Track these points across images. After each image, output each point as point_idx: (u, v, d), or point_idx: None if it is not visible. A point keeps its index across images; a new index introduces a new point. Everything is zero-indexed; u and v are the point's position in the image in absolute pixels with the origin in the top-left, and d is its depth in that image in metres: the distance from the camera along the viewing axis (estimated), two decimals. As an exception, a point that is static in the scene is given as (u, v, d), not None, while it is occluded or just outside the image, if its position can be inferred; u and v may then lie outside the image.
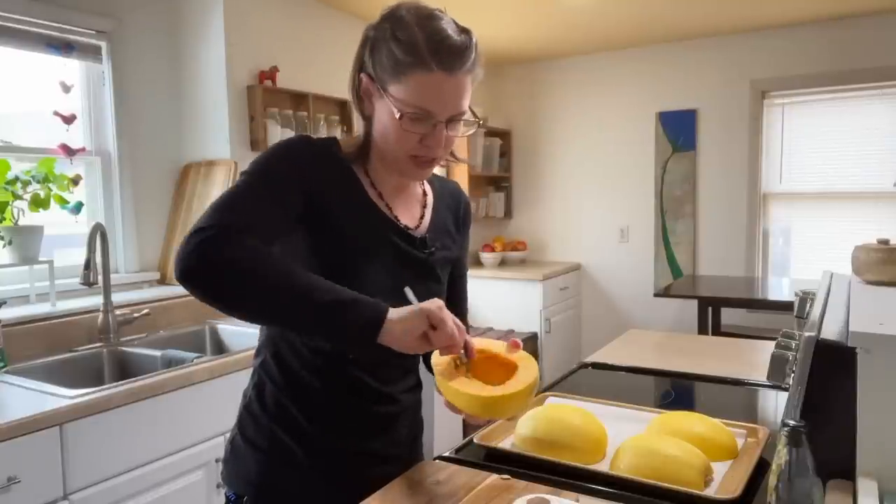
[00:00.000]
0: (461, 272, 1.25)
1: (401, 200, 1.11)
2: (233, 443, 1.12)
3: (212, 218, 0.90)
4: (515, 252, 4.72)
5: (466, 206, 1.25)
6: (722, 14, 3.73)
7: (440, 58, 0.94)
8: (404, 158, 1.02)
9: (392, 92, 0.97)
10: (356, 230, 1.03)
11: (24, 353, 2.03)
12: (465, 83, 0.98)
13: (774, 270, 4.26)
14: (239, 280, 0.86)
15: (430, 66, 0.94)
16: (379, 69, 0.99)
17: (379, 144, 1.04)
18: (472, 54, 0.97)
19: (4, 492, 1.44)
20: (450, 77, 0.95)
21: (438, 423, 3.12)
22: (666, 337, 2.21)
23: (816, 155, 4.02)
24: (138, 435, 1.74)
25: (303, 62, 3.11)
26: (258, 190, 0.96)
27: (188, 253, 0.86)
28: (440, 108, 0.97)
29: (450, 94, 0.97)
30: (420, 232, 1.11)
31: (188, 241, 0.87)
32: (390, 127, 0.99)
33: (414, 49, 0.94)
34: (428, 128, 0.98)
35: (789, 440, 0.79)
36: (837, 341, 0.98)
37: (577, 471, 1.05)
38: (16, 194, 2.17)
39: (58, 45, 2.39)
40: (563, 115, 4.77)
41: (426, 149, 1.00)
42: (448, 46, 0.95)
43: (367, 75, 1.01)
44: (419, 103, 0.96)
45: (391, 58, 0.96)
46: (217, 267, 0.86)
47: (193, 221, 2.65)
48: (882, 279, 1.32)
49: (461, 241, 1.23)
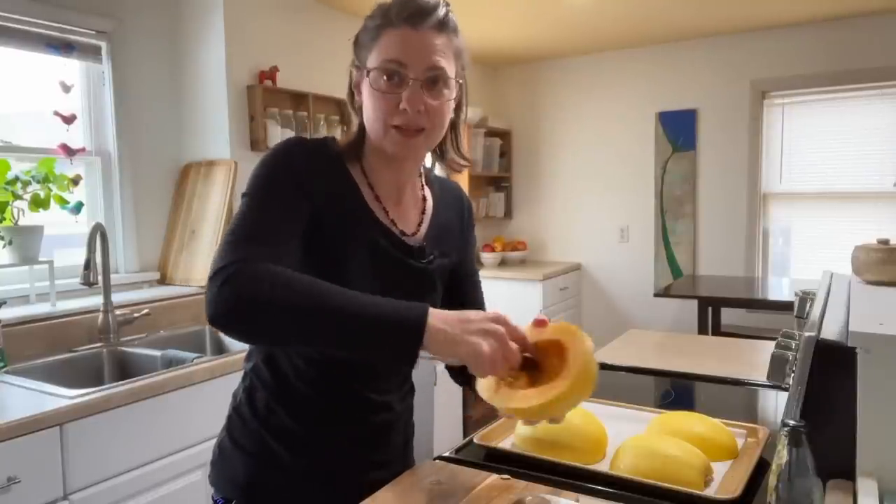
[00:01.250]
0: (469, 271, 1.21)
1: (399, 203, 1.08)
2: (221, 445, 1.10)
3: (228, 254, 0.87)
4: (515, 252, 4.72)
5: (469, 208, 1.23)
6: (722, 14, 3.73)
7: (404, 14, 0.96)
8: (387, 131, 0.98)
9: (369, 63, 0.98)
10: (352, 241, 1.00)
11: (24, 353, 2.03)
12: (434, 40, 0.97)
13: (774, 270, 4.26)
14: (271, 317, 0.83)
15: (396, 23, 0.96)
16: (360, 51, 1.01)
17: (368, 130, 1.02)
18: (438, 13, 0.97)
19: (4, 492, 1.44)
20: (415, 31, 0.95)
21: (438, 423, 3.12)
22: (666, 337, 2.21)
23: (816, 155, 4.02)
24: (138, 435, 1.74)
25: (303, 62, 3.11)
26: (265, 210, 0.93)
27: (215, 298, 0.83)
28: (409, 58, 0.95)
29: (417, 47, 0.95)
30: (417, 239, 1.08)
31: (211, 285, 0.85)
32: (370, 97, 0.98)
33: (382, 14, 0.97)
34: (403, 88, 0.96)
35: (789, 440, 0.79)
36: (837, 341, 0.98)
37: (577, 471, 1.05)
38: (16, 194, 2.17)
39: (58, 45, 2.39)
40: (563, 115, 4.77)
41: (405, 114, 0.96)
42: (414, 5, 0.96)
43: (355, 67, 1.03)
44: (388, 56, 0.96)
45: (366, 33, 0.99)
46: (247, 308, 0.83)
47: (193, 221, 2.68)
48: (882, 279, 1.32)
49: (465, 242, 1.20)
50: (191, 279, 2.64)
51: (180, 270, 2.68)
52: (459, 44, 1.01)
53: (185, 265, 2.67)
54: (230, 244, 0.89)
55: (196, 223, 2.70)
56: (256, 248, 0.88)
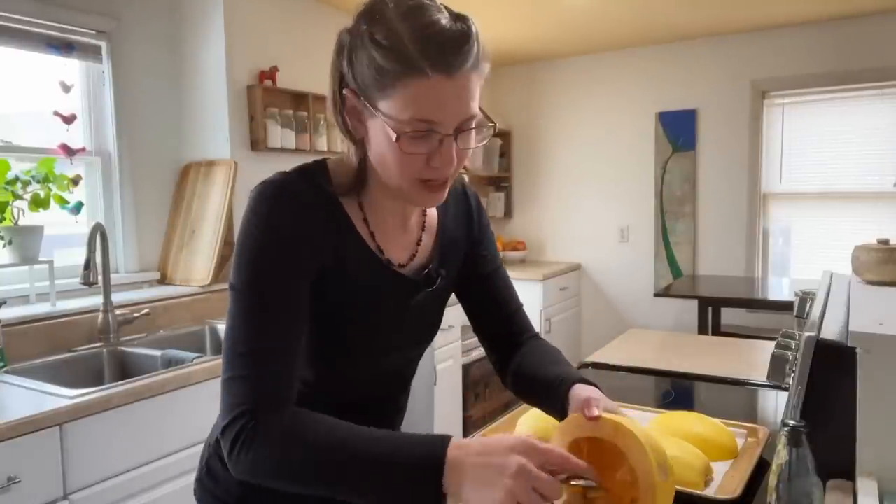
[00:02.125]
0: (491, 266, 1.09)
1: (401, 230, 0.96)
2: (209, 463, 1.04)
3: (235, 397, 0.79)
4: (515, 252, 4.72)
5: (477, 206, 1.10)
6: (722, 14, 3.73)
7: (434, 57, 0.75)
8: (411, 185, 0.84)
9: (383, 108, 0.79)
10: (355, 291, 0.91)
11: (24, 353, 2.03)
12: (469, 83, 0.79)
13: (774, 270, 4.26)
14: (289, 486, 0.79)
15: (424, 70, 0.75)
16: (362, 82, 0.80)
17: (379, 173, 0.87)
18: (473, 46, 0.79)
19: (4, 492, 1.44)
20: (450, 79, 0.77)
21: (438, 423, 3.12)
22: (666, 337, 2.21)
23: (816, 155, 4.02)
24: (138, 435, 1.74)
25: (303, 62, 3.11)
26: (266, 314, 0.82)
27: (232, 463, 0.79)
28: (444, 118, 0.79)
29: (453, 99, 0.78)
30: (420, 264, 0.98)
31: (224, 440, 0.79)
32: (388, 152, 0.81)
33: (399, 52, 0.75)
34: (433, 145, 0.80)
35: (789, 440, 0.79)
36: (837, 341, 0.98)
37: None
38: (16, 194, 2.17)
39: (58, 45, 2.39)
40: (563, 115, 4.77)
41: (435, 170, 0.82)
42: (442, 42, 0.76)
43: (352, 91, 0.83)
44: (418, 116, 0.77)
45: (373, 66, 0.78)
46: (264, 478, 0.79)
47: (193, 221, 2.68)
48: (882, 279, 1.32)
49: (479, 240, 1.08)
50: (191, 279, 2.64)
51: (180, 270, 2.68)
52: (486, 69, 0.84)
53: (185, 265, 2.67)
54: (236, 380, 0.80)
55: (196, 223, 2.70)
56: (265, 382, 0.80)
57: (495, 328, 1.11)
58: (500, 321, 1.10)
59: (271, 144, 2.85)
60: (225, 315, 0.85)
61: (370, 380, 1.00)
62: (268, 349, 0.81)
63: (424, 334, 1.05)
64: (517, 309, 1.11)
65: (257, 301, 0.82)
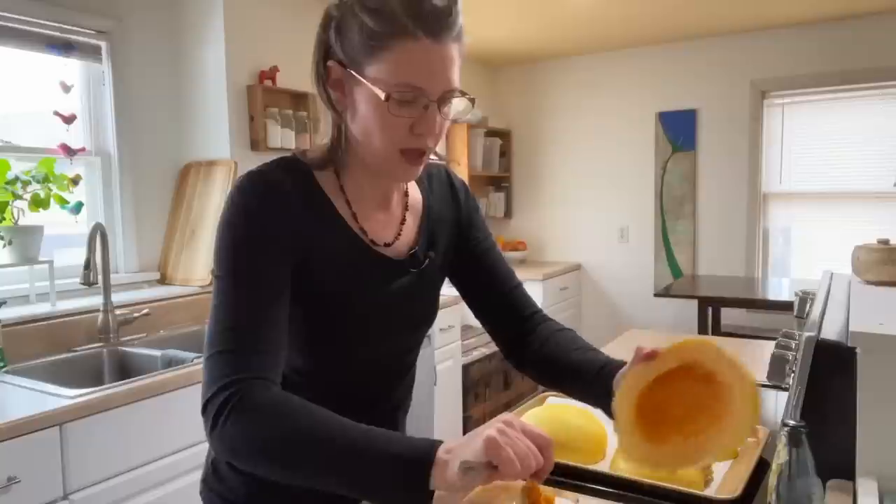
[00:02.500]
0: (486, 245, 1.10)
1: (383, 210, 0.98)
2: (215, 464, 1.03)
3: (215, 374, 0.79)
4: (515, 252, 4.72)
5: (464, 189, 1.11)
6: (722, 14, 3.73)
7: (423, 21, 0.79)
8: (392, 154, 0.86)
9: (371, 74, 0.82)
10: (339, 275, 0.91)
11: (24, 353, 2.03)
12: (453, 53, 0.83)
13: (774, 270, 4.26)
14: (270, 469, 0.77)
15: (414, 33, 0.79)
16: (350, 50, 0.84)
17: (360, 143, 0.89)
18: (457, 18, 0.83)
19: (4, 492, 1.44)
20: (436, 44, 0.81)
21: (438, 423, 3.12)
22: (666, 337, 2.21)
23: (816, 155, 4.02)
24: (138, 435, 1.74)
25: (303, 62, 3.08)
26: (246, 296, 0.83)
27: (212, 440, 0.78)
28: (430, 82, 0.82)
29: (439, 64, 0.82)
30: (405, 245, 0.99)
31: (205, 416, 0.78)
32: (374, 116, 0.84)
33: (391, 16, 0.80)
34: (418, 110, 0.83)
35: (789, 440, 0.79)
36: (837, 341, 0.98)
37: (577, 471, 1.05)
38: (16, 194, 2.17)
39: (58, 45, 2.39)
40: (562, 115, 4.77)
41: (417, 138, 0.85)
42: (430, 9, 0.80)
43: (337, 62, 0.87)
44: (406, 79, 0.81)
45: (364, 32, 0.82)
46: (245, 457, 0.78)
47: (193, 221, 2.68)
48: (882, 279, 1.32)
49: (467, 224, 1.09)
50: (191, 279, 2.64)
51: (180, 270, 2.68)
52: (464, 47, 0.88)
53: (185, 265, 2.67)
54: (217, 357, 0.80)
55: (196, 223, 2.70)
56: (246, 359, 0.80)
57: (496, 308, 1.11)
58: (500, 299, 1.10)
59: (271, 144, 2.85)
60: None
61: (365, 370, 0.99)
62: (250, 327, 0.81)
63: (419, 319, 1.03)
64: (517, 286, 1.12)
65: (238, 284, 0.83)
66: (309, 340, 0.92)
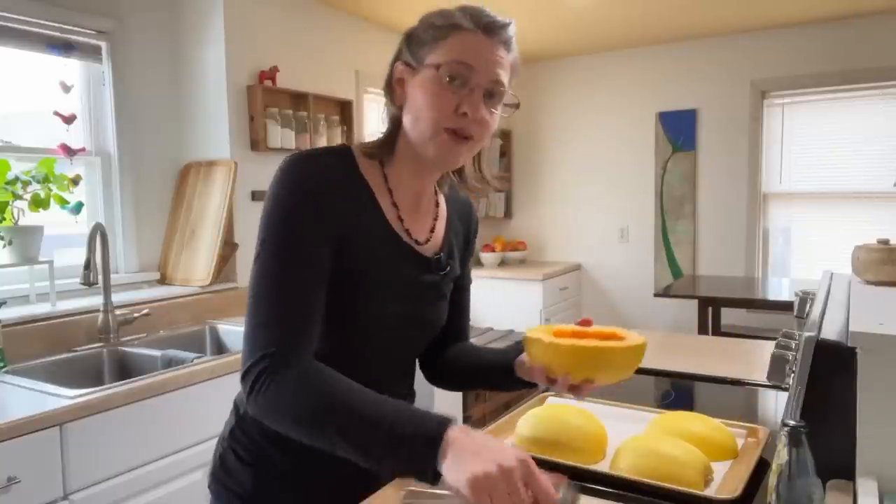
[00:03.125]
0: (464, 283, 1.20)
1: (417, 211, 1.06)
2: (223, 458, 1.08)
3: (257, 343, 0.86)
4: (515, 252, 4.72)
5: (476, 221, 1.22)
6: (722, 14, 3.73)
7: (477, 20, 0.94)
8: (438, 132, 0.94)
9: (430, 60, 0.94)
10: (372, 260, 0.97)
11: (24, 353, 2.03)
12: (503, 54, 0.96)
13: (774, 270, 4.26)
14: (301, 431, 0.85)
15: (470, 26, 0.94)
16: (416, 49, 0.97)
17: (411, 129, 0.97)
18: (509, 31, 0.96)
19: (4, 492, 1.44)
20: (488, 39, 0.94)
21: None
22: (666, 337, 2.21)
23: (816, 155, 4.02)
24: (138, 435, 1.74)
25: (303, 62, 3.11)
26: (289, 271, 0.89)
27: (251, 403, 0.86)
28: (479, 63, 0.93)
29: (488, 54, 0.94)
30: (432, 249, 1.07)
31: (244, 382, 0.86)
32: (426, 94, 0.94)
33: (451, 16, 0.95)
34: (465, 92, 0.93)
35: (789, 440, 0.79)
36: (837, 341, 0.98)
37: (577, 471, 1.05)
38: (16, 194, 2.17)
39: (58, 45, 2.39)
40: (563, 115, 4.77)
41: (463, 119, 0.93)
42: (487, 16, 0.95)
43: (402, 62, 0.98)
44: (458, 57, 0.93)
45: (430, 30, 0.95)
46: (278, 420, 0.86)
47: (193, 221, 2.68)
48: (882, 279, 1.32)
49: (468, 254, 1.20)
50: (191, 279, 2.64)
51: (180, 270, 2.68)
52: (517, 65, 1.00)
53: (185, 265, 2.67)
54: (259, 327, 0.87)
55: (196, 223, 2.70)
56: (286, 331, 0.87)
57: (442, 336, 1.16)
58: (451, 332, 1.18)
59: (271, 144, 2.85)
60: (225, 315, 0.89)
61: (379, 359, 1.04)
62: (289, 302, 0.88)
63: (432, 321, 1.09)
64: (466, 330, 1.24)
65: (281, 259, 0.89)
66: (332, 325, 0.96)
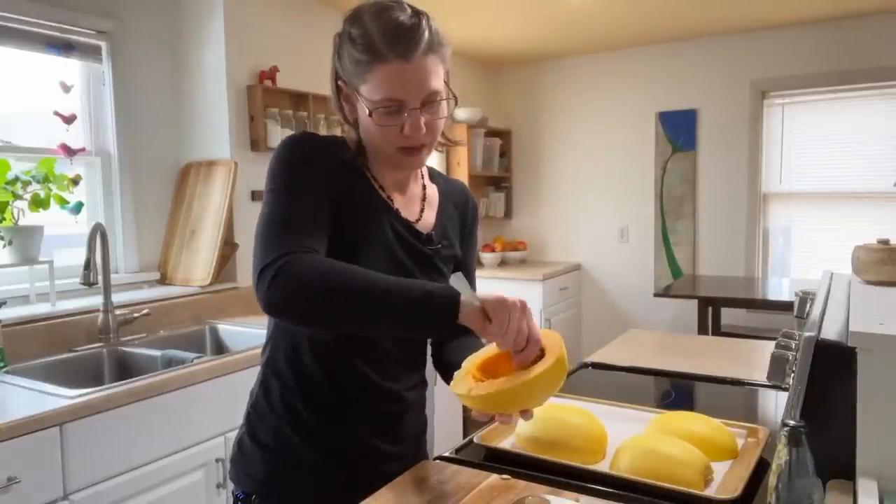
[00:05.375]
0: (469, 267, 1.23)
1: (403, 194, 1.13)
2: (240, 442, 1.13)
3: (272, 249, 0.92)
4: (515, 252, 4.72)
5: (474, 206, 1.26)
6: (722, 14, 3.73)
7: (393, 46, 0.94)
8: (392, 152, 1.02)
9: (363, 93, 0.99)
10: (369, 226, 1.04)
11: (24, 353, 2.03)
12: (427, 65, 0.97)
13: (774, 270, 4.26)
14: (326, 304, 0.89)
15: (386, 57, 0.95)
16: (347, 74, 1.01)
17: (367, 145, 1.07)
18: (424, 34, 0.96)
19: (4, 492, 1.44)
20: (408, 63, 0.95)
21: (438, 423, 3.12)
22: (666, 337, 2.21)
23: (816, 155, 4.02)
24: (138, 435, 1.74)
25: (303, 62, 3.11)
26: (294, 201, 0.97)
27: (270, 291, 0.89)
28: (407, 95, 0.97)
29: (413, 79, 0.96)
30: (423, 228, 1.12)
31: (262, 279, 0.90)
32: (369, 126, 1.01)
33: (369, 46, 0.95)
34: (403, 117, 0.98)
35: (789, 440, 0.79)
36: (837, 341, 0.98)
37: (577, 471, 1.05)
38: (16, 194, 2.17)
39: (58, 45, 2.39)
40: (563, 115, 4.77)
41: (408, 138, 1.00)
42: (399, 34, 0.95)
43: (343, 81, 1.03)
44: (385, 95, 0.96)
45: (352, 60, 0.98)
46: (303, 298, 0.88)
47: (193, 221, 2.68)
48: (882, 279, 1.32)
49: (468, 240, 1.23)
50: (191, 279, 2.64)
51: (180, 270, 2.68)
52: (446, 53, 1.02)
53: (185, 265, 2.67)
54: (272, 238, 0.93)
55: (196, 223, 2.70)
56: (297, 238, 0.93)
57: None
58: None
59: (271, 144, 2.85)
60: (225, 315, 0.91)
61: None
62: (297, 220, 0.95)
63: None
64: None
65: (287, 193, 0.98)
66: None
